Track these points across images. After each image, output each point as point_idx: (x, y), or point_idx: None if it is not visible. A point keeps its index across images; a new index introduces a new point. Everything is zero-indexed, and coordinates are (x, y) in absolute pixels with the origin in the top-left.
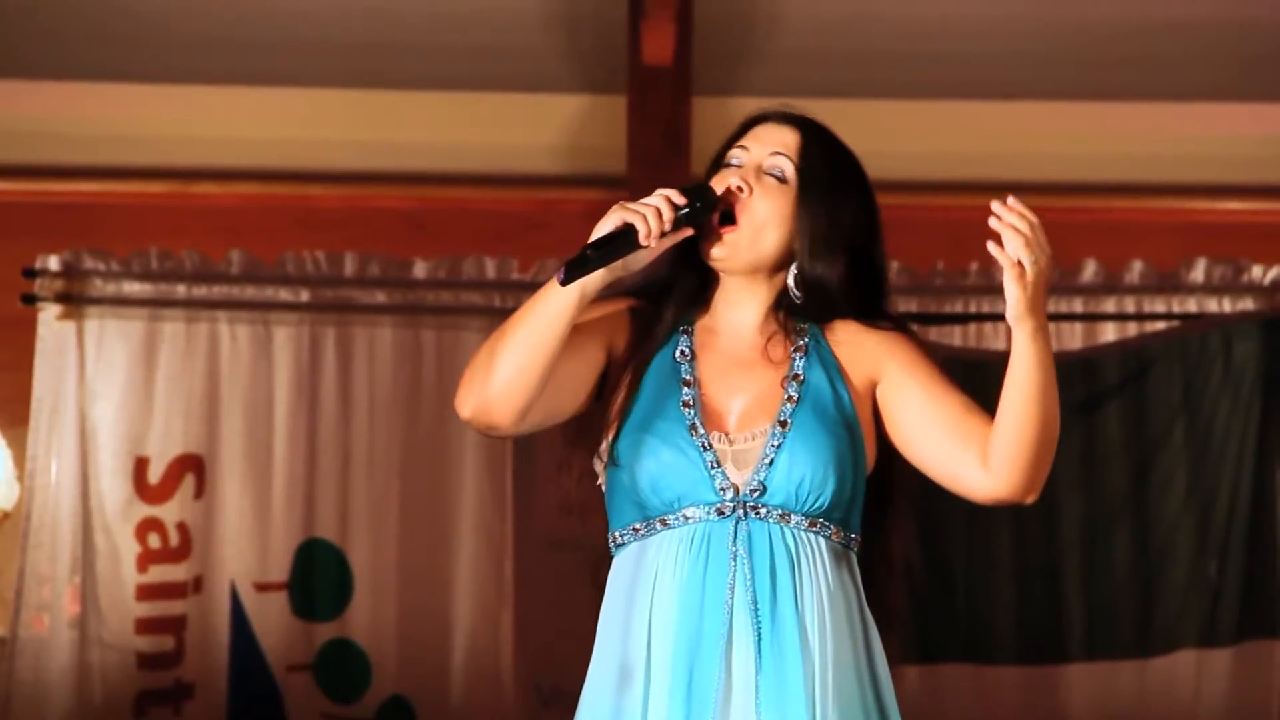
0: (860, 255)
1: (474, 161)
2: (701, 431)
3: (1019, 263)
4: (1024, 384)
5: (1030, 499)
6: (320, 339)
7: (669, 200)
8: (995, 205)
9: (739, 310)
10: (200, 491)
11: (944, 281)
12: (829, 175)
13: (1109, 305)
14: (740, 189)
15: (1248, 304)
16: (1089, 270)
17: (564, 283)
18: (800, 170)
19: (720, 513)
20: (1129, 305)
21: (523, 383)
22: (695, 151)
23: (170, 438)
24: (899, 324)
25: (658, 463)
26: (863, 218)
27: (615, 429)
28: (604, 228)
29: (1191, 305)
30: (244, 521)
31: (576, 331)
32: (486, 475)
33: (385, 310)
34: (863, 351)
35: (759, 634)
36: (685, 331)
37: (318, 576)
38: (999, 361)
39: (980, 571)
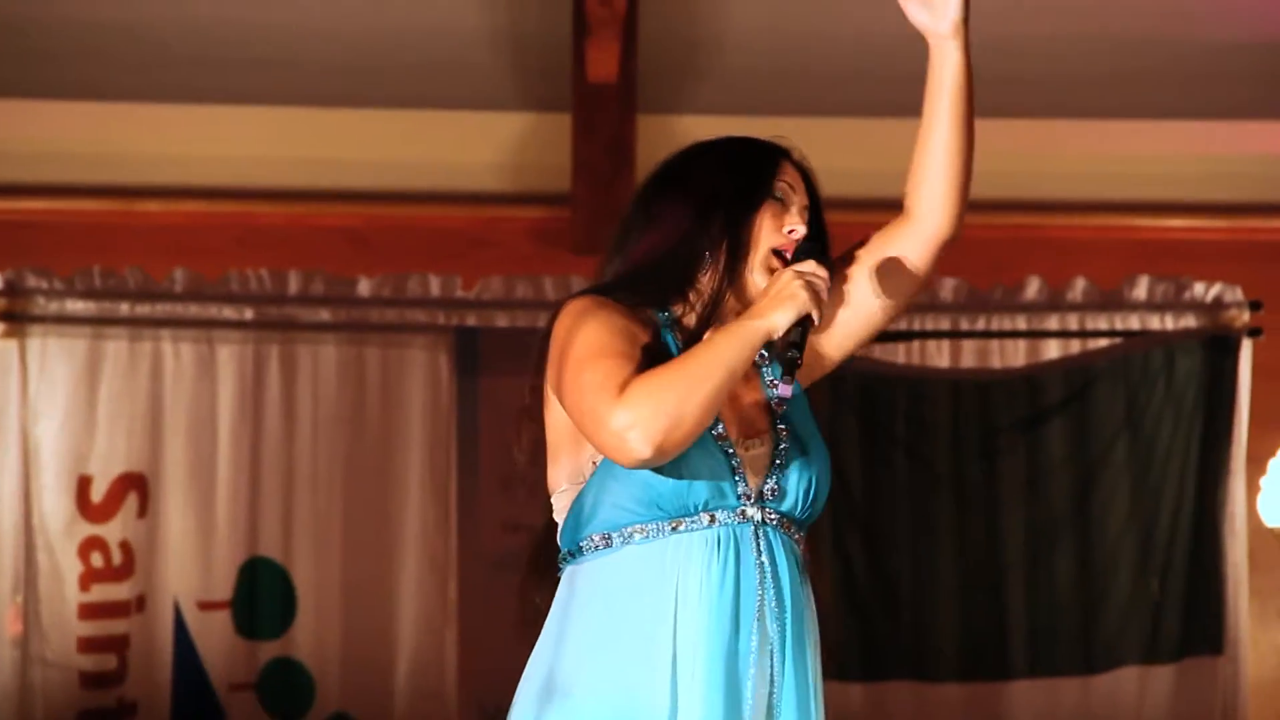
0: None
1: (418, 179)
2: (726, 436)
3: None
4: (964, 96)
5: (953, 233)
6: (264, 357)
7: (820, 277)
8: None
9: (718, 323)
10: (143, 510)
11: None
12: (825, 235)
13: (1052, 322)
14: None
15: (1190, 321)
16: (1032, 287)
17: (784, 398)
18: (816, 228)
19: (743, 516)
20: (1072, 322)
21: (703, 428)
22: (640, 169)
23: (113, 456)
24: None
25: (686, 465)
26: None
27: None
28: (799, 307)
29: (1134, 322)
30: (187, 540)
31: (633, 344)
32: (430, 494)
33: (329, 328)
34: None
35: (785, 640)
36: (678, 340)
37: (261, 595)
38: (940, 379)
39: (923, 588)
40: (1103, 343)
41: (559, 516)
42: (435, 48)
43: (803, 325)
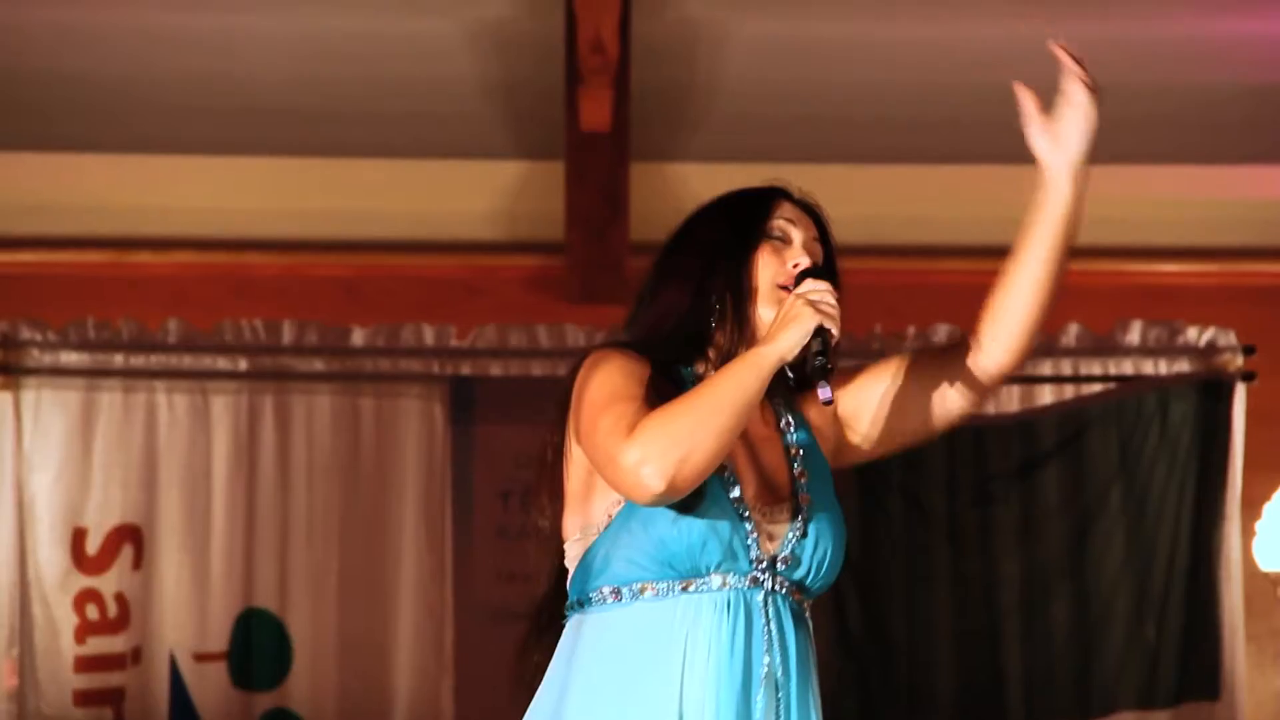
0: None
1: (412, 228)
2: (742, 499)
3: (1091, 86)
4: (1065, 233)
5: (1028, 351)
6: (258, 407)
7: (834, 293)
8: (1059, 51)
9: None
10: (138, 562)
11: (882, 345)
12: (833, 264)
13: (1046, 368)
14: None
15: (1183, 366)
16: None
17: (829, 401)
18: (825, 258)
19: (754, 582)
20: (1065, 368)
21: (719, 460)
22: (634, 217)
23: (108, 508)
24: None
25: (702, 526)
26: None
27: None
28: (806, 324)
29: (1128, 367)
30: (182, 591)
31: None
32: (426, 543)
33: (323, 378)
34: (819, 411)
35: (788, 710)
36: None
37: (257, 646)
38: None
39: (920, 634)
40: (1096, 388)
41: (570, 565)
42: (428, 97)
43: (821, 338)
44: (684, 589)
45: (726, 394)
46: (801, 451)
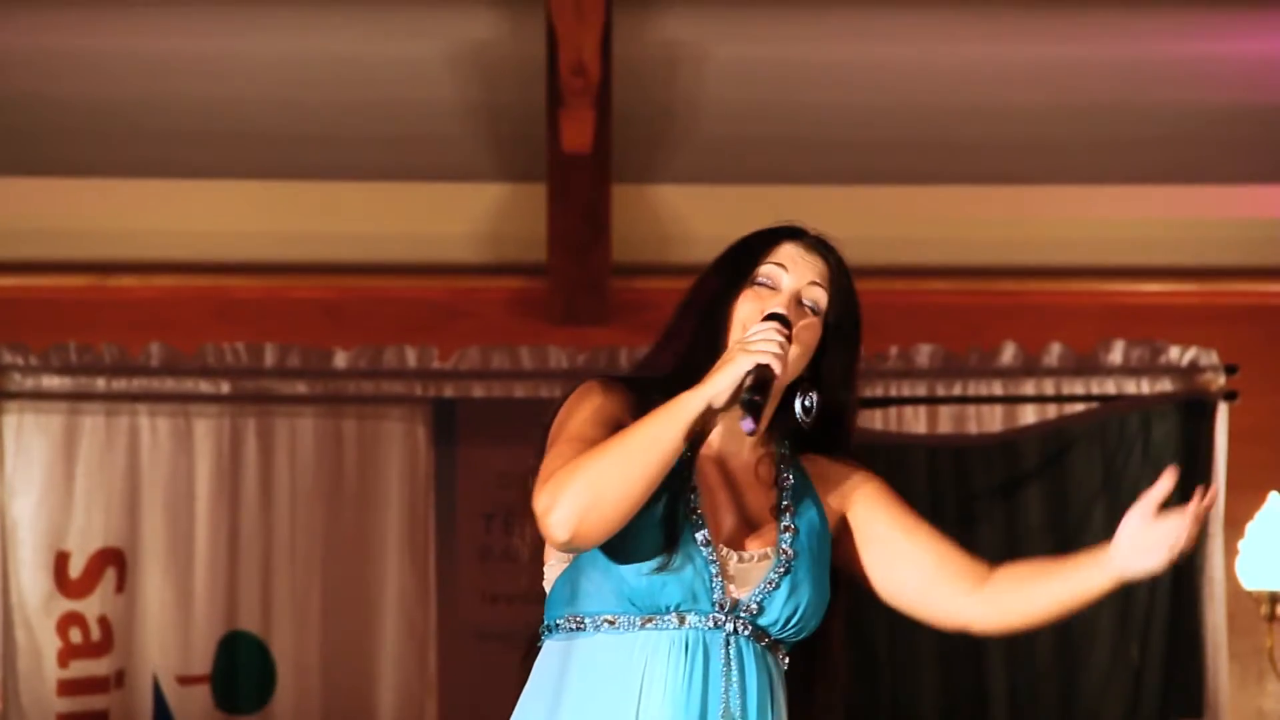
0: (856, 385)
1: (394, 251)
2: (708, 542)
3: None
4: (1081, 600)
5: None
6: (241, 430)
7: (780, 331)
8: (1206, 499)
9: (735, 429)
10: (121, 585)
11: (864, 365)
12: (850, 309)
13: (1028, 387)
14: (788, 327)
15: (1166, 385)
16: (1008, 353)
17: (752, 432)
18: (833, 303)
19: (715, 623)
20: (1048, 387)
21: (631, 506)
22: (616, 238)
23: (91, 532)
24: (864, 462)
25: (663, 566)
26: (860, 339)
27: None
28: (736, 369)
29: (1110, 387)
30: (166, 614)
31: (608, 431)
32: (409, 565)
33: (306, 401)
34: (837, 488)
35: None
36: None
37: (241, 669)
38: (917, 444)
39: (904, 655)
40: (1079, 407)
41: (547, 588)
42: (410, 120)
43: (759, 375)
44: (645, 624)
45: (639, 442)
46: (794, 509)
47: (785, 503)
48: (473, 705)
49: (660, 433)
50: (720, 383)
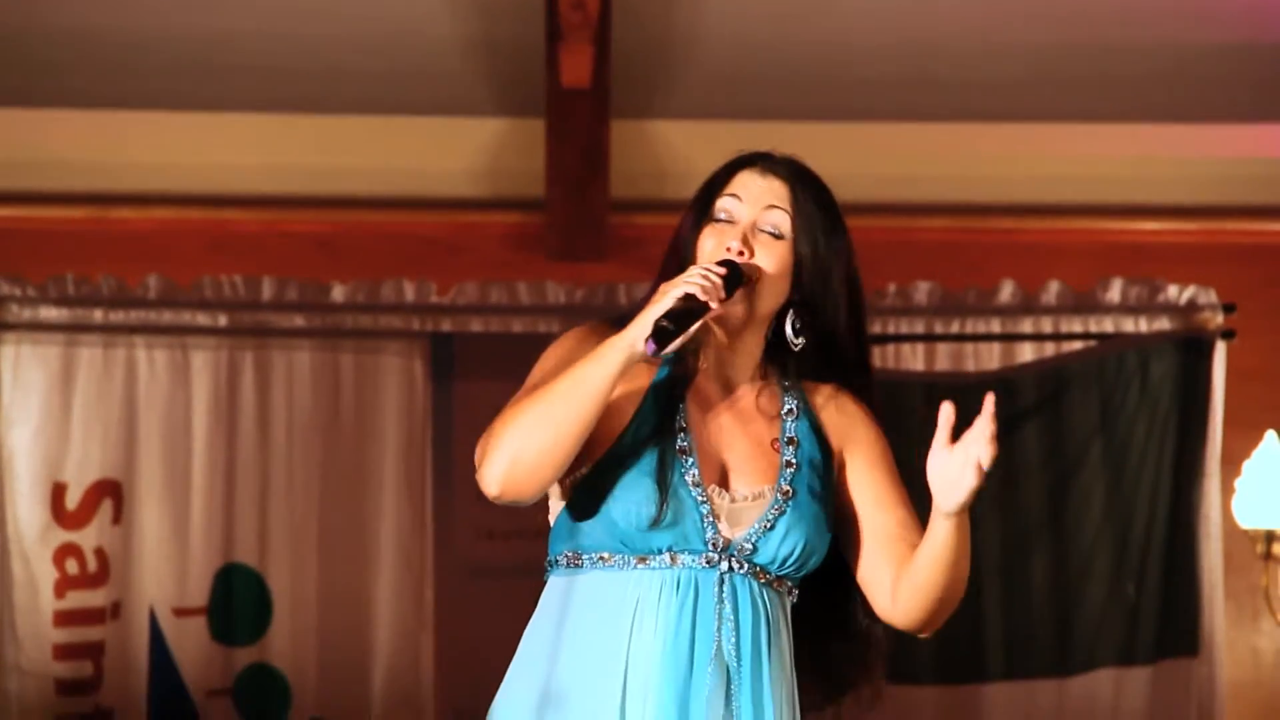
0: (856, 300)
1: (392, 185)
2: (699, 482)
3: (981, 466)
4: (941, 559)
5: (923, 635)
6: (238, 363)
7: (713, 270)
8: (989, 402)
9: (732, 363)
10: (118, 517)
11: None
12: (824, 223)
13: (1026, 325)
14: (741, 253)
15: (1164, 324)
16: (1006, 291)
17: (656, 353)
18: (795, 223)
19: (708, 562)
20: (1046, 325)
21: (561, 456)
22: (614, 174)
23: (88, 463)
24: (875, 406)
25: (651, 508)
26: (850, 259)
27: (597, 459)
28: (663, 304)
29: (1108, 325)
30: (162, 547)
31: None
32: (406, 500)
33: (303, 334)
34: (839, 423)
35: (741, 689)
36: (680, 379)
37: (237, 601)
38: (915, 382)
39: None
40: (1077, 346)
41: (551, 521)
42: (408, 53)
43: (686, 306)
44: (639, 563)
45: (563, 390)
46: (798, 441)
47: (788, 435)
48: (469, 640)
49: (583, 378)
50: (639, 327)
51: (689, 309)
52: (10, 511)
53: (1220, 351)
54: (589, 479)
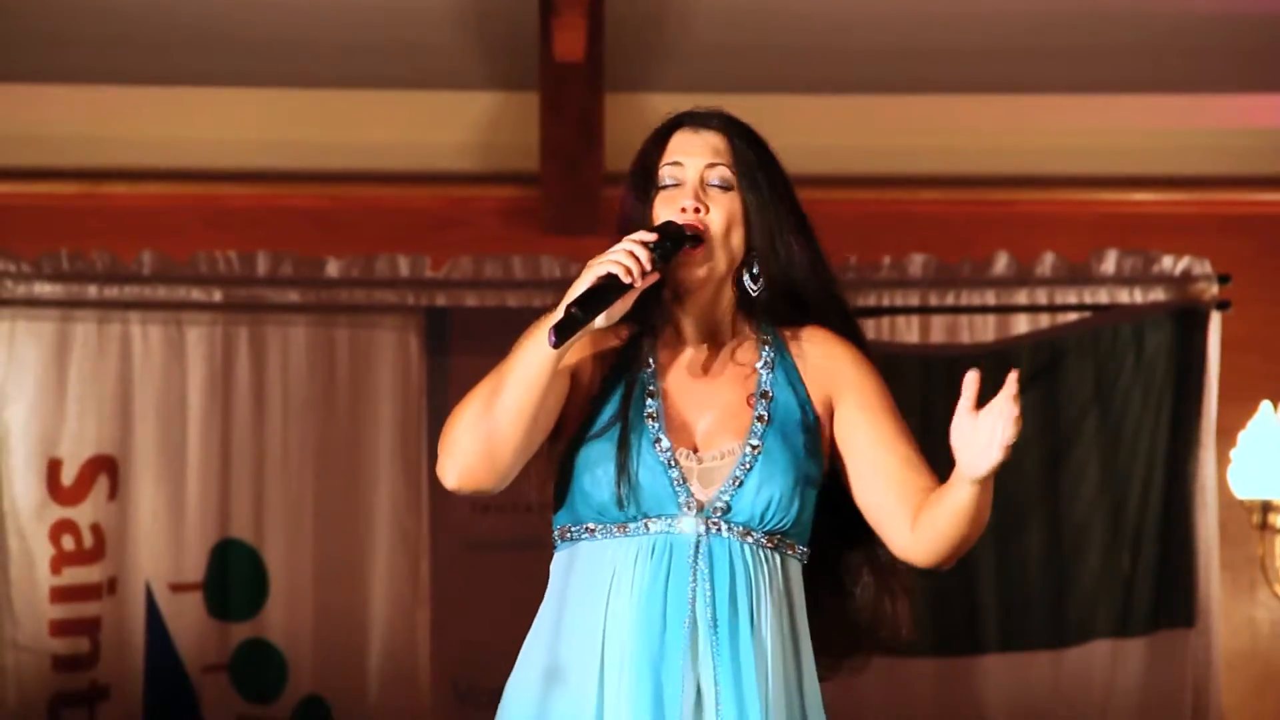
0: (807, 237)
1: (386, 159)
2: (667, 447)
3: (1006, 447)
4: (964, 515)
5: (944, 569)
6: (233, 339)
7: (639, 242)
8: (1012, 381)
9: (704, 319)
10: (114, 493)
11: (856, 275)
12: (764, 167)
13: (1021, 297)
14: (697, 210)
15: (1158, 295)
16: (1001, 262)
17: (555, 345)
18: (738, 172)
19: (684, 526)
20: (1041, 297)
21: (510, 446)
22: (609, 147)
23: (83, 439)
24: (860, 340)
25: (620, 476)
26: (793, 197)
27: (573, 432)
28: (581, 285)
29: (1103, 296)
30: (158, 522)
31: None
32: (402, 474)
33: (298, 309)
34: (824, 367)
35: (718, 650)
36: (648, 343)
37: (233, 577)
38: (910, 354)
39: (894, 563)
40: (1071, 317)
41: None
42: (401, 27)
43: (606, 285)
44: (619, 531)
45: (502, 380)
46: (771, 395)
47: (762, 389)
48: (465, 614)
49: (519, 365)
50: (561, 308)
51: (609, 287)
52: (6, 488)
53: (1215, 322)
54: (567, 452)
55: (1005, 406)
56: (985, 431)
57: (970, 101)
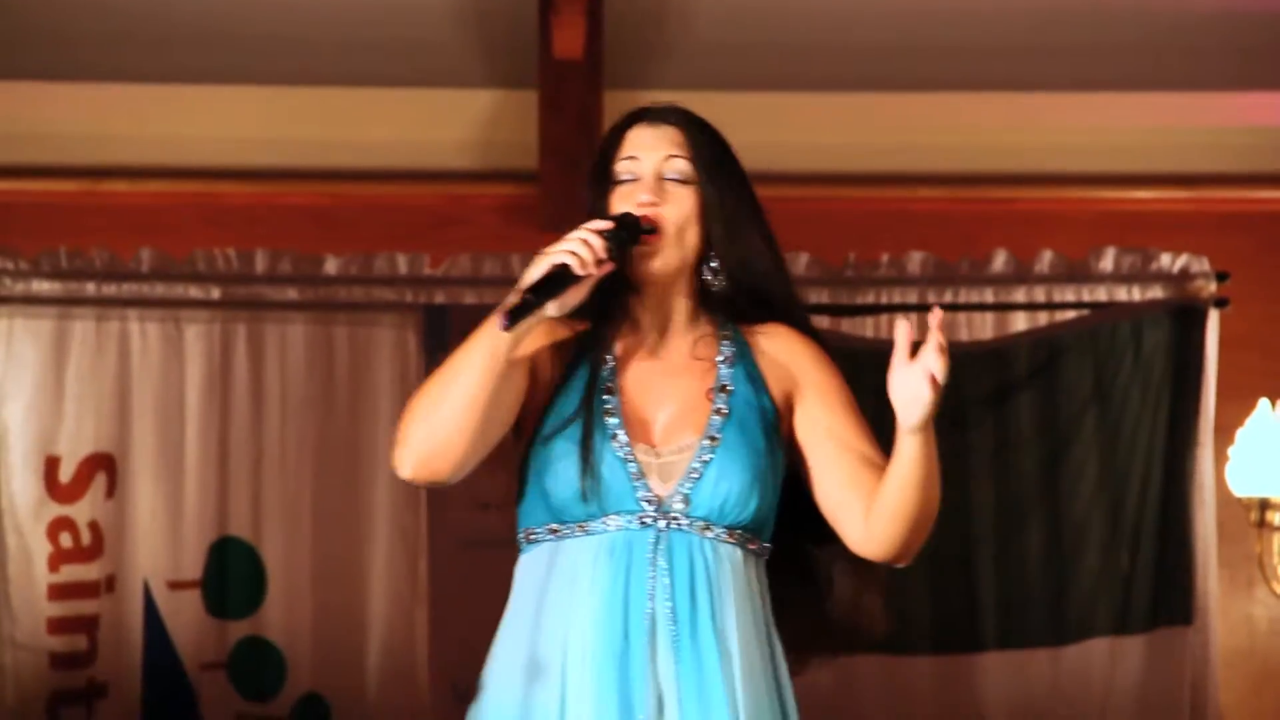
0: (766, 233)
1: (385, 157)
2: (625, 442)
3: (934, 379)
4: (911, 479)
5: (900, 564)
6: (231, 336)
7: (594, 230)
8: (935, 317)
9: (662, 312)
10: (112, 490)
11: (855, 273)
12: (721, 162)
13: (1019, 295)
14: (654, 203)
15: (1157, 292)
16: (999, 260)
17: (507, 328)
18: (696, 165)
19: (642, 522)
20: (1039, 295)
21: (463, 436)
22: None
23: (81, 437)
24: (818, 339)
25: (580, 473)
26: (752, 193)
27: (533, 432)
28: (534, 273)
29: (1101, 294)
30: (156, 520)
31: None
32: None
33: (297, 307)
34: (785, 363)
35: (679, 645)
36: (606, 337)
37: (231, 574)
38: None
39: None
40: (1070, 315)
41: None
42: (401, 25)
43: (558, 275)
44: (581, 530)
45: (451, 372)
46: (730, 389)
47: (721, 383)
48: (463, 612)
49: (466, 357)
50: (510, 298)
51: (559, 277)
52: (4, 485)
53: (1213, 320)
54: (527, 453)
55: (932, 342)
56: (917, 375)
57: (969, 99)
